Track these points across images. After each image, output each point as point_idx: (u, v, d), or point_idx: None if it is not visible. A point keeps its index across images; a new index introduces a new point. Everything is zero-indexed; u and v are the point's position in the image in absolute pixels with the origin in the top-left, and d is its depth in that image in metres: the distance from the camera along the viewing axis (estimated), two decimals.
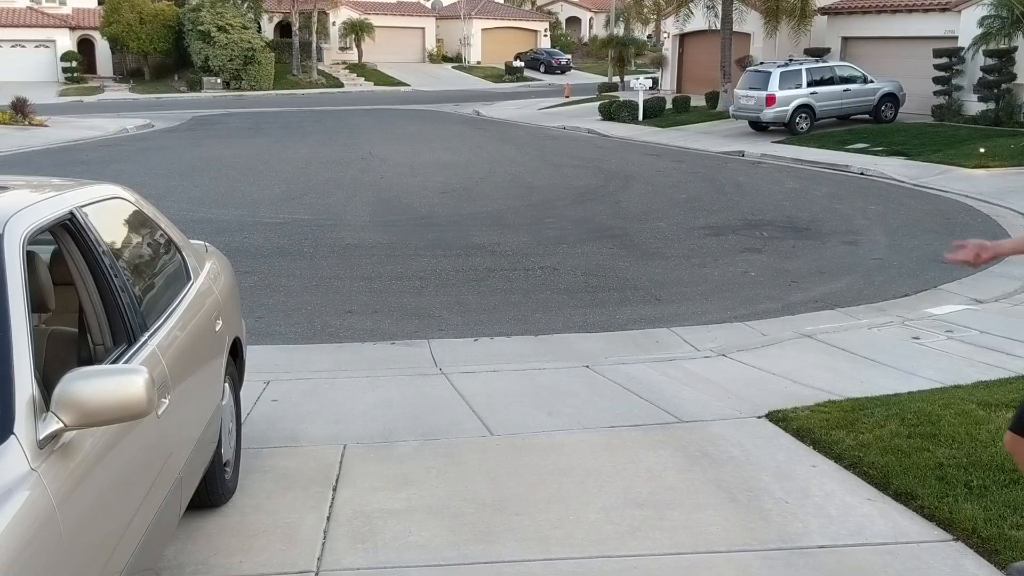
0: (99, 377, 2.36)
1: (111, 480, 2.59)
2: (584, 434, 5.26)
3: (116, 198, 3.68)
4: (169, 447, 3.17)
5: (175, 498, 3.26)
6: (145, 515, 2.82)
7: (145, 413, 2.39)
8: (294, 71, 51.57)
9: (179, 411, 3.25)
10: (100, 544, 2.40)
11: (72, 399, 2.29)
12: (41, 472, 2.16)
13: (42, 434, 2.24)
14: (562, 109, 36.43)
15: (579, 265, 10.48)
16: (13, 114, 28.17)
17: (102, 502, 2.48)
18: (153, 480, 2.94)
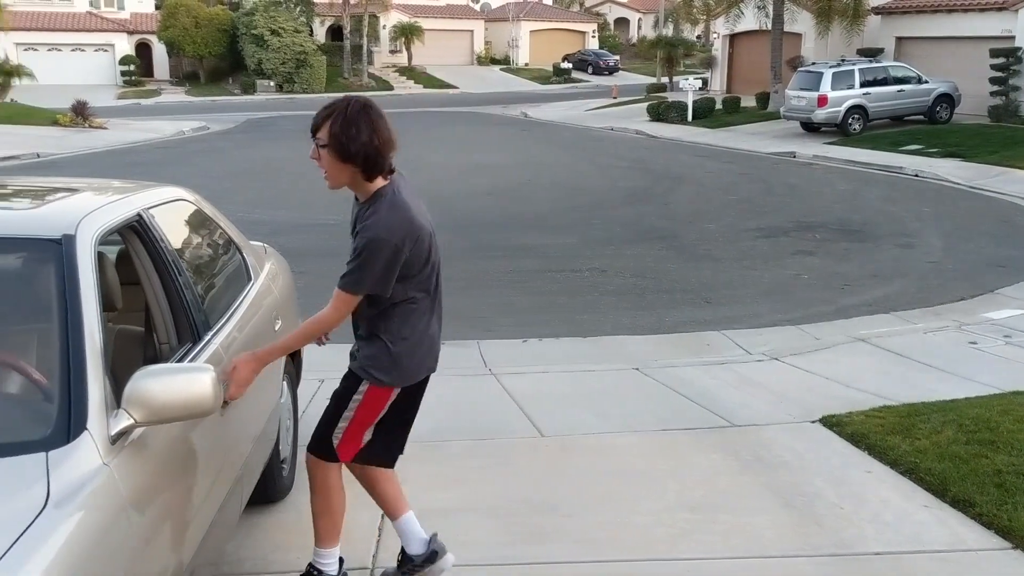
0: (168, 375, 2.42)
1: (177, 476, 2.66)
2: (634, 436, 5.26)
3: (180, 200, 3.77)
4: (231, 444, 3.25)
5: (236, 494, 3.33)
6: (209, 511, 2.88)
7: (211, 411, 2.44)
8: (345, 74, 52.08)
9: (241, 409, 3.32)
10: (167, 538, 2.46)
11: (142, 396, 2.35)
12: (113, 467, 2.23)
13: (113, 430, 2.31)
14: (610, 110, 36.34)
15: (627, 267, 10.46)
16: (74, 117, 28.83)
17: (169, 497, 2.54)
18: (216, 476, 3.00)
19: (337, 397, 3.38)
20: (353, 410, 3.34)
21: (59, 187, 3.42)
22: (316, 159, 3.14)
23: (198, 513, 2.77)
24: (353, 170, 3.11)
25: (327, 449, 3.39)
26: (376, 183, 3.16)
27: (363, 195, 3.19)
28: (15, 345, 2.58)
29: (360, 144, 3.04)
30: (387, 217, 3.10)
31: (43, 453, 2.13)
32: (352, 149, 3.04)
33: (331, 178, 3.15)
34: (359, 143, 3.04)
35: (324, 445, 3.39)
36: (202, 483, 2.84)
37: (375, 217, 3.10)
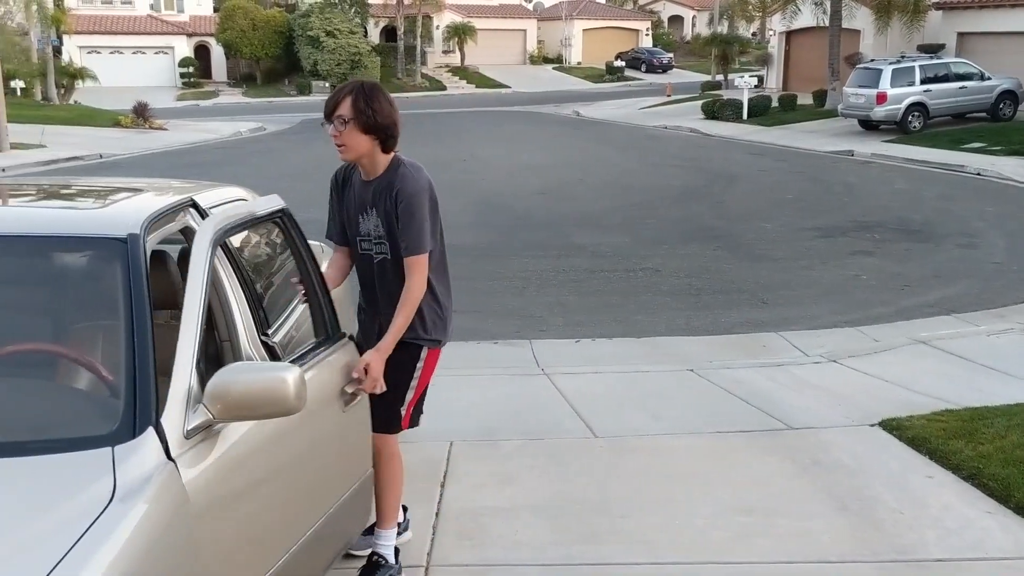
0: (250, 372, 2.45)
1: (259, 490, 2.63)
2: (689, 438, 5.22)
3: (240, 199, 3.82)
4: (328, 478, 3.21)
5: (333, 533, 3.25)
6: (293, 535, 2.83)
7: (293, 410, 2.44)
8: (398, 75, 52.48)
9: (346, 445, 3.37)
10: (236, 547, 2.47)
11: (221, 392, 2.37)
12: (180, 463, 2.26)
13: (191, 424, 2.34)
14: (663, 108, 36.11)
15: (682, 267, 10.38)
16: (135, 118, 29.48)
17: (243, 506, 2.53)
18: (306, 506, 2.97)
19: (398, 371, 3.47)
20: (417, 378, 3.56)
21: (123, 187, 3.49)
22: (336, 136, 3.34)
23: (278, 532, 2.73)
24: (373, 142, 3.37)
25: (396, 423, 3.56)
26: (389, 155, 3.45)
27: (375, 169, 3.44)
28: (81, 341, 2.64)
29: (384, 115, 3.35)
30: (414, 175, 3.45)
31: (109, 448, 2.17)
32: (378, 120, 3.34)
33: (351, 149, 3.36)
34: (383, 114, 3.35)
35: (393, 421, 3.54)
36: (287, 506, 2.80)
37: (404, 179, 3.43)
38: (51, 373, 2.63)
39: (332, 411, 3.16)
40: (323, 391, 3.09)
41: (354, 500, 3.31)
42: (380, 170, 3.44)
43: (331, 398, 3.16)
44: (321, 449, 3.08)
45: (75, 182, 4.44)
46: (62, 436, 2.26)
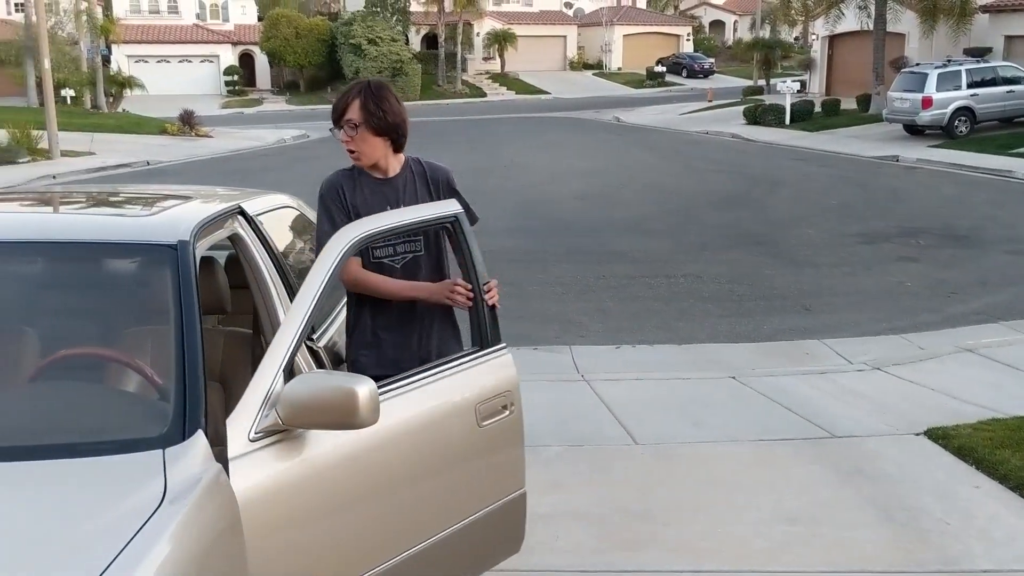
0: (324, 381, 2.44)
1: (339, 490, 2.59)
2: (731, 446, 5.19)
3: (285, 207, 3.88)
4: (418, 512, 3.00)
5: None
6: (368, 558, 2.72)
7: (364, 424, 2.39)
8: (439, 82, 52.78)
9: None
10: (306, 550, 2.47)
11: (293, 398, 2.38)
12: (243, 462, 2.32)
13: (259, 427, 2.38)
14: (704, 114, 35.91)
15: (723, 273, 10.31)
16: (181, 126, 29.95)
17: (324, 508, 2.53)
18: (384, 535, 2.81)
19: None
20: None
21: (172, 194, 3.56)
22: (346, 141, 3.19)
23: (364, 546, 2.67)
24: (386, 144, 3.21)
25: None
26: (400, 155, 3.30)
27: (388, 170, 3.27)
28: (132, 345, 2.70)
29: (395, 114, 3.19)
30: (438, 163, 3.39)
31: (160, 451, 2.21)
32: (389, 120, 3.17)
33: (366, 155, 3.21)
34: (394, 113, 3.19)
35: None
36: (383, 520, 2.73)
37: (433, 166, 3.36)
38: (102, 376, 2.69)
39: (460, 425, 2.96)
40: (449, 403, 2.95)
41: (488, 523, 3.08)
42: (396, 168, 3.29)
43: (462, 411, 2.97)
44: (436, 464, 2.90)
45: (125, 189, 4.53)
46: (114, 438, 2.30)
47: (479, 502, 3.06)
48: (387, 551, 2.75)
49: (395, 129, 3.20)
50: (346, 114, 3.18)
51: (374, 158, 3.22)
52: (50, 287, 3.11)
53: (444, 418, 2.93)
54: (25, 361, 2.78)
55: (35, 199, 3.91)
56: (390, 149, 3.24)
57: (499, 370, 3.14)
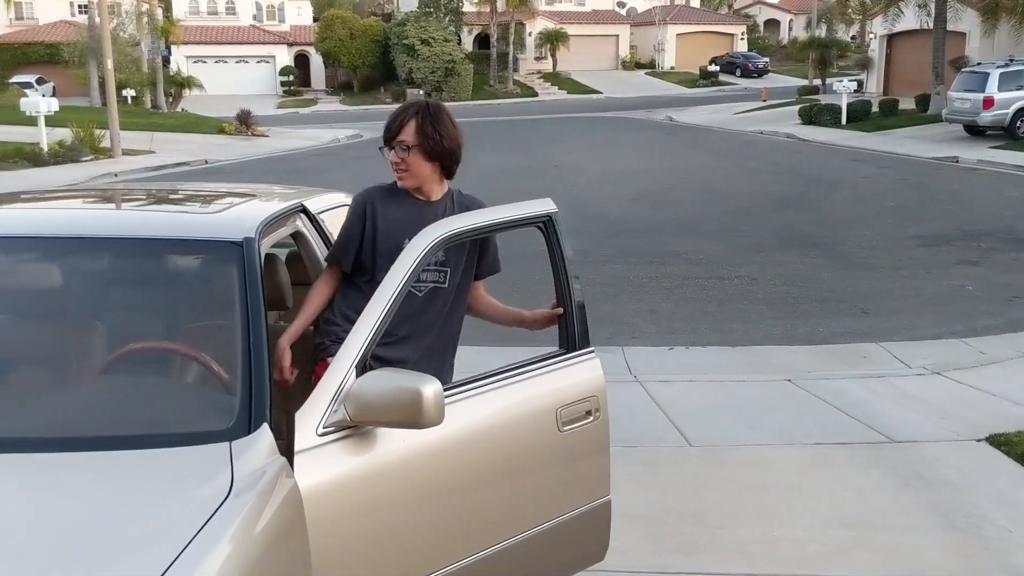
0: (391, 379, 2.45)
1: (407, 488, 2.61)
2: (787, 450, 5.14)
3: (344, 205, 3.93)
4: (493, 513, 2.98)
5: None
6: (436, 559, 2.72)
7: (429, 424, 2.40)
8: (491, 81, 52.92)
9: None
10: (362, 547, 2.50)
11: (360, 395, 2.41)
12: (308, 456, 2.36)
13: (327, 421, 2.42)
14: (759, 113, 35.52)
15: (779, 274, 10.20)
16: (238, 125, 30.42)
17: (390, 505, 2.55)
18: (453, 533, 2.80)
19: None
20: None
21: (236, 192, 3.63)
22: (397, 162, 3.06)
23: (430, 546, 2.67)
24: (435, 168, 3.09)
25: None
26: (446, 182, 3.18)
27: (432, 194, 3.13)
28: (199, 340, 2.76)
29: (451, 139, 3.06)
30: (477, 197, 3.21)
31: (227, 443, 2.26)
32: (445, 145, 3.05)
33: (415, 176, 3.07)
34: (450, 138, 3.06)
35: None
36: (448, 523, 2.72)
37: (473, 201, 3.18)
38: (169, 370, 2.75)
39: (538, 429, 2.92)
40: (526, 406, 2.91)
41: (568, 530, 3.04)
42: (439, 195, 3.15)
43: (540, 415, 2.92)
44: (510, 468, 2.86)
45: (189, 187, 4.62)
46: (181, 431, 2.36)
47: (558, 508, 3.00)
48: (454, 553, 2.73)
49: (450, 155, 3.09)
50: (400, 134, 3.05)
51: (421, 180, 3.09)
52: (119, 282, 3.19)
53: (521, 421, 2.88)
54: (95, 354, 2.85)
55: (102, 196, 4.03)
56: (440, 174, 3.12)
57: (585, 374, 3.08)
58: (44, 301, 2.97)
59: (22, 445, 2.28)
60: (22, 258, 3.01)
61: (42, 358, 2.87)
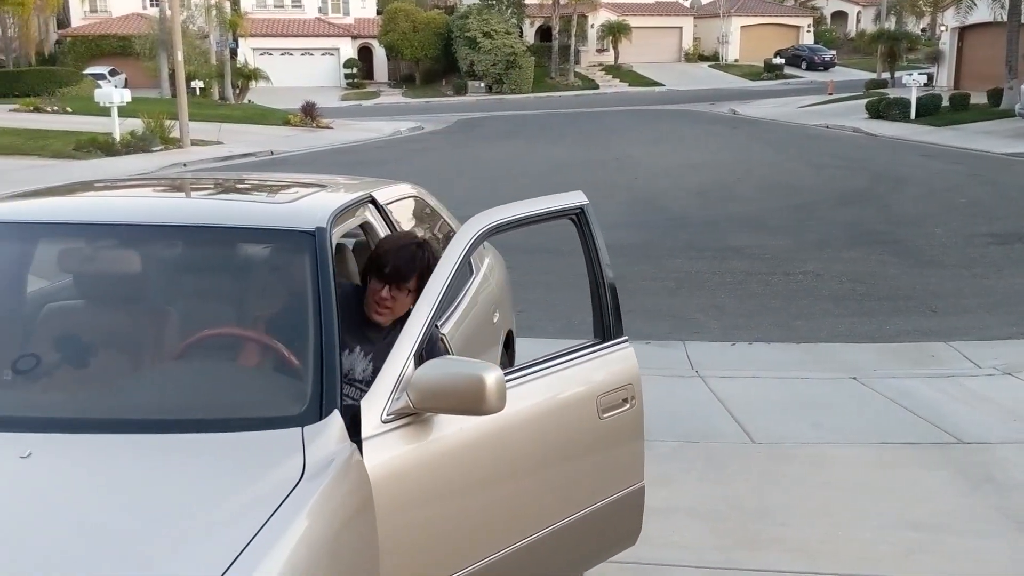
0: (454, 367, 2.49)
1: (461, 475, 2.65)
2: (852, 449, 5.06)
3: (412, 196, 3.98)
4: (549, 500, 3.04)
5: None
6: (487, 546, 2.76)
7: (491, 411, 2.43)
8: (552, 74, 52.81)
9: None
10: (429, 533, 2.53)
11: (424, 382, 2.44)
12: (374, 442, 2.39)
13: (391, 409, 2.45)
14: (824, 107, 34.91)
15: (845, 271, 10.02)
16: (303, 117, 30.86)
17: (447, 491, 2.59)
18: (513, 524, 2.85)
19: None
20: None
21: (308, 183, 3.69)
22: (387, 299, 2.92)
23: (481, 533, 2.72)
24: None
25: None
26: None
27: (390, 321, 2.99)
28: (271, 327, 2.81)
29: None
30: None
31: (299, 428, 2.30)
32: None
33: (395, 314, 2.96)
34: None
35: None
36: (497, 509, 2.77)
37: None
38: (243, 356, 2.81)
39: (581, 416, 2.98)
40: (571, 394, 2.97)
41: (605, 515, 3.11)
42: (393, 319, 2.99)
43: (583, 402, 2.99)
44: (557, 454, 2.93)
45: (262, 177, 4.71)
46: (255, 415, 2.41)
47: (598, 493, 3.09)
48: (507, 537, 2.79)
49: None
50: (405, 282, 2.92)
51: (397, 316, 2.96)
52: (193, 270, 3.26)
53: (566, 408, 2.96)
54: (170, 339, 2.93)
55: (175, 185, 4.11)
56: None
57: (621, 363, 3.16)
58: (120, 287, 3.05)
59: (102, 426, 2.35)
60: (100, 245, 3.09)
61: (119, 342, 2.95)
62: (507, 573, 2.80)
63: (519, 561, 2.83)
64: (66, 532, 1.92)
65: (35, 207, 3.29)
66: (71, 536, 1.91)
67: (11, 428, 2.31)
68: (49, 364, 2.77)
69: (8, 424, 2.35)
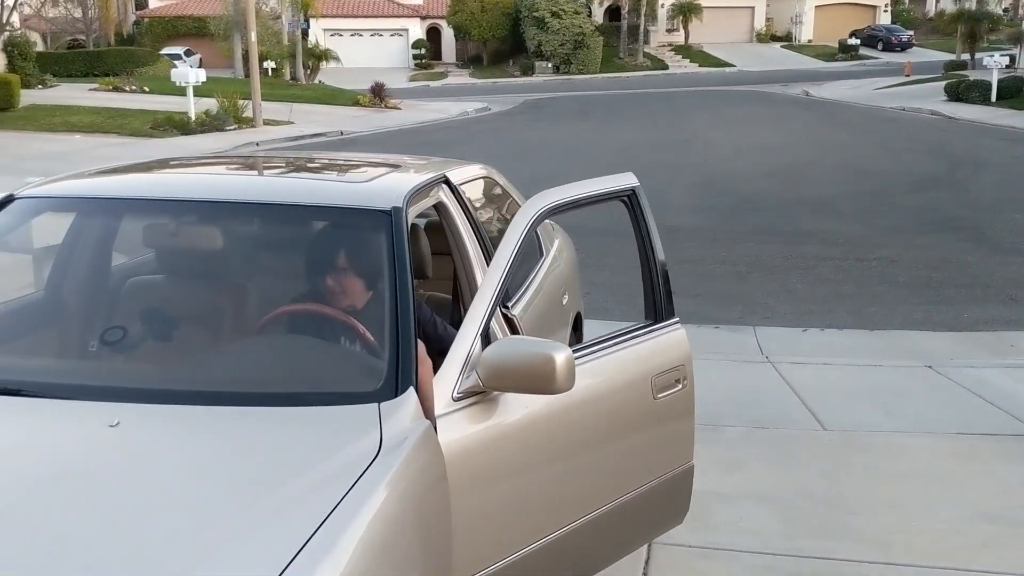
0: (524, 347, 2.51)
1: (523, 453, 2.67)
2: (927, 438, 4.95)
3: (484, 177, 3.99)
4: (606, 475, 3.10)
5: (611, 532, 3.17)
6: (554, 523, 2.81)
7: (559, 390, 2.45)
8: (620, 54, 52.33)
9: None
10: (488, 515, 2.56)
11: (495, 362, 2.46)
12: (446, 421, 2.41)
13: (461, 388, 2.47)
14: (901, 89, 34.02)
15: (920, 257, 9.78)
16: (372, 98, 31.10)
17: (510, 469, 2.62)
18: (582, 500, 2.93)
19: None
20: None
21: (383, 162, 3.72)
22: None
23: (543, 511, 2.75)
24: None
25: None
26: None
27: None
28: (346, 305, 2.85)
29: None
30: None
31: (376, 404, 2.34)
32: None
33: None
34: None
35: None
36: (558, 486, 2.80)
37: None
38: (320, 332, 2.86)
39: (637, 397, 3.04)
40: (627, 374, 3.02)
41: (657, 494, 3.17)
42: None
43: (639, 383, 3.05)
44: (614, 434, 2.98)
45: (338, 156, 4.76)
46: (333, 390, 2.45)
47: (652, 472, 3.16)
48: (568, 515, 2.83)
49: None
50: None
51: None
52: (271, 247, 3.33)
53: (623, 388, 3.01)
54: (249, 315, 2.99)
55: (250, 164, 4.19)
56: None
57: (673, 344, 3.20)
58: (200, 263, 3.12)
59: (186, 398, 2.40)
60: (181, 221, 3.16)
61: (200, 316, 3.03)
62: (566, 550, 2.85)
63: (577, 539, 2.88)
64: (152, 500, 1.98)
65: (119, 183, 3.38)
66: (157, 504, 1.96)
67: (100, 397, 2.39)
68: (134, 337, 2.85)
69: (97, 394, 2.43)
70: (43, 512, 1.92)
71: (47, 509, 1.93)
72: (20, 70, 27.11)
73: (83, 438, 2.23)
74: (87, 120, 22.32)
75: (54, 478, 2.05)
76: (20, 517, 1.90)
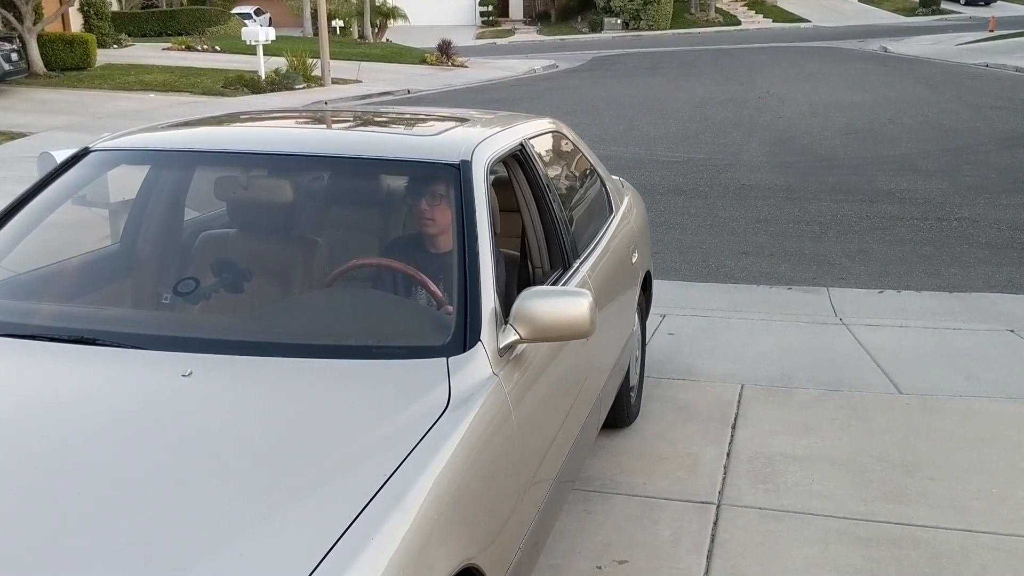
0: (551, 296, 2.52)
1: (549, 393, 2.79)
2: (1009, 404, 4.78)
3: (554, 132, 3.92)
4: (593, 370, 3.37)
5: (595, 417, 3.47)
6: (572, 429, 3.03)
7: (587, 334, 2.50)
8: (692, 10, 51.29)
9: (601, 335, 3.42)
10: (538, 449, 2.61)
11: (528, 314, 2.47)
12: (501, 377, 2.40)
13: (502, 343, 2.46)
14: (985, 44, 32.71)
15: (1004, 218, 9.42)
16: (439, 56, 31.01)
17: (541, 410, 2.68)
18: (580, 398, 3.13)
19: None
20: None
21: (451, 116, 3.68)
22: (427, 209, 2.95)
23: (564, 430, 2.91)
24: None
25: None
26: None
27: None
28: (416, 259, 2.84)
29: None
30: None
31: (444, 359, 2.32)
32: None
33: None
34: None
35: None
36: (569, 403, 2.98)
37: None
38: (390, 286, 2.85)
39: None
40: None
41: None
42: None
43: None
44: (593, 363, 3.38)
45: (407, 111, 4.74)
46: (403, 344, 2.44)
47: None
48: (587, 406, 3.27)
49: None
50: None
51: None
52: (341, 201, 3.32)
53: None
54: (319, 268, 3.00)
55: (323, 118, 4.18)
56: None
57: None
58: (271, 216, 3.13)
59: (258, 349, 2.40)
60: (252, 174, 3.17)
61: (271, 269, 3.05)
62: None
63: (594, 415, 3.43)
64: (223, 448, 1.99)
65: (192, 136, 3.39)
66: (229, 452, 1.98)
67: (173, 348, 2.41)
68: (207, 288, 2.88)
69: (170, 343, 2.45)
70: (115, 456, 1.95)
71: (121, 454, 1.96)
72: (96, 30, 27.61)
73: (157, 386, 2.26)
74: (160, 79, 22.67)
75: (128, 424, 2.08)
76: (94, 460, 1.93)
